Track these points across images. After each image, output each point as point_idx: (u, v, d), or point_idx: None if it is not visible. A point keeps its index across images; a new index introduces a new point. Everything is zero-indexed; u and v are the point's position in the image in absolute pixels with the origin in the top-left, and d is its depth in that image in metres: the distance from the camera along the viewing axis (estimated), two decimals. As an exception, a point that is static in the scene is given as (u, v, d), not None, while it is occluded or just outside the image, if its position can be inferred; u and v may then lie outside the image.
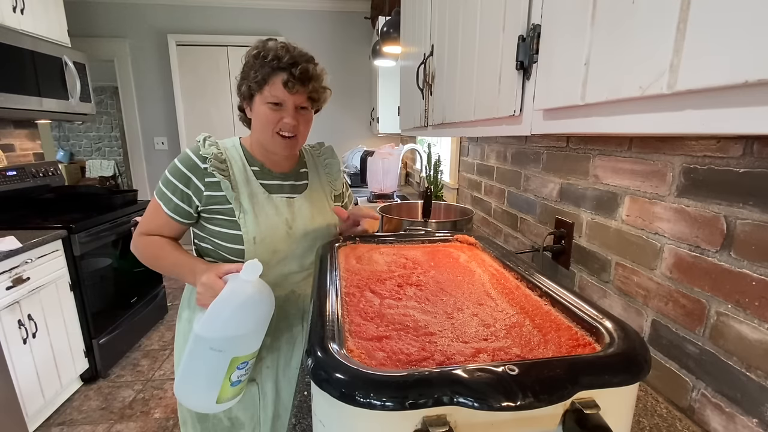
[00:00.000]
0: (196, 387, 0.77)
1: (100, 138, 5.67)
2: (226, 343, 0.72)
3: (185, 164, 0.85)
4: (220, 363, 0.73)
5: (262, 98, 0.83)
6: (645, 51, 0.35)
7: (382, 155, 2.35)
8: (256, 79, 0.82)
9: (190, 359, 0.75)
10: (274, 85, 0.82)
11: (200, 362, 0.73)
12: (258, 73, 0.82)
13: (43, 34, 2.15)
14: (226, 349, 0.72)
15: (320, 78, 0.87)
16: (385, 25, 1.95)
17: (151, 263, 0.89)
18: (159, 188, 0.86)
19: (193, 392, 0.78)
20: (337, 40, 3.66)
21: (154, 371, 2.26)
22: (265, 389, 0.95)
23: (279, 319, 0.94)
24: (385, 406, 0.34)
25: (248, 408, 0.95)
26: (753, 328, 0.53)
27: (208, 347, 0.71)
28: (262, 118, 0.84)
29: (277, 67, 0.81)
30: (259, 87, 0.83)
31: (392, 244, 0.87)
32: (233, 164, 0.88)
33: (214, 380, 0.74)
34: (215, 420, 0.94)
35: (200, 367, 0.74)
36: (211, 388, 0.75)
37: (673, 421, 0.63)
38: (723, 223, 0.57)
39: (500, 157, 1.42)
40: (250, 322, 0.73)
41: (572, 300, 0.53)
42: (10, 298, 1.61)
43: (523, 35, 0.58)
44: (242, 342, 0.74)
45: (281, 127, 0.85)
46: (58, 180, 2.48)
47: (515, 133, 0.65)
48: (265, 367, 0.94)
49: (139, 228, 0.89)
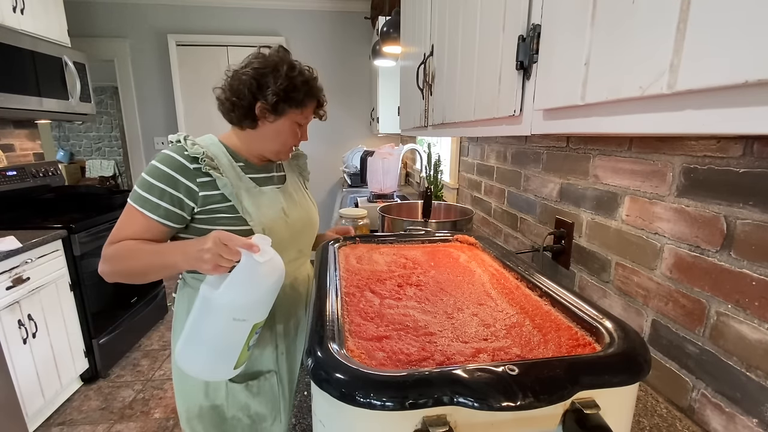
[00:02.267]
0: (213, 356, 0.75)
1: (100, 138, 5.67)
2: (248, 311, 0.71)
3: (170, 166, 0.80)
4: (242, 332, 0.72)
5: (292, 117, 0.88)
6: (645, 51, 0.35)
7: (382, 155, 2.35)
8: (297, 99, 0.86)
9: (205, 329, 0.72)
10: (308, 109, 0.90)
11: (218, 332, 0.72)
12: (300, 94, 0.86)
13: (43, 34, 2.15)
14: (249, 318, 0.72)
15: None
16: (385, 25, 1.95)
17: (124, 266, 0.79)
18: (138, 195, 0.80)
19: (208, 362, 0.76)
20: (337, 40, 3.66)
21: (154, 371, 2.26)
22: (282, 376, 0.96)
23: (286, 307, 0.96)
24: (385, 406, 0.34)
25: (269, 400, 0.95)
26: (753, 328, 0.53)
27: (231, 318, 0.70)
28: (285, 135, 0.90)
29: (312, 94, 0.89)
30: (297, 107, 0.88)
31: (392, 244, 0.87)
32: (220, 162, 0.86)
33: (234, 349, 0.74)
34: (234, 421, 0.93)
35: (217, 336, 0.73)
36: (231, 357, 0.74)
37: (673, 421, 0.63)
38: (723, 223, 0.57)
39: (500, 157, 1.42)
40: (270, 287, 0.73)
41: (572, 300, 0.53)
42: (10, 298, 1.61)
43: (523, 35, 0.58)
44: (263, 307, 0.74)
45: (295, 143, 0.92)
46: (58, 180, 2.48)
47: (515, 133, 0.65)
48: (279, 354, 0.95)
49: (108, 241, 0.82)
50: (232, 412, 0.92)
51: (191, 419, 0.93)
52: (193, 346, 0.75)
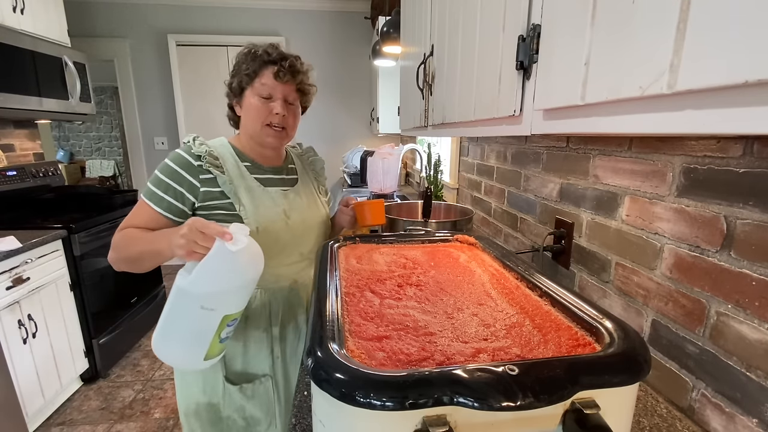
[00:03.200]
0: (182, 345, 0.73)
1: (100, 138, 5.67)
2: (218, 300, 0.69)
3: (178, 163, 0.85)
4: (211, 321, 0.70)
5: (253, 91, 0.88)
6: (645, 51, 0.35)
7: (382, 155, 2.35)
8: (247, 72, 0.87)
9: (176, 317, 0.71)
10: (265, 76, 0.87)
11: (187, 320, 0.70)
12: (249, 66, 0.87)
13: (43, 34, 2.15)
14: (218, 308, 0.69)
15: (307, 73, 0.93)
16: (385, 25, 1.95)
17: (125, 252, 0.82)
18: (148, 189, 0.85)
19: (178, 350, 0.74)
20: (337, 40, 3.66)
21: (154, 371, 2.26)
22: (278, 380, 0.96)
23: (284, 310, 0.96)
24: (385, 406, 0.34)
25: (264, 404, 0.95)
26: (753, 328, 0.53)
27: (198, 306, 0.68)
28: (253, 111, 0.89)
29: (268, 60, 0.87)
30: (250, 79, 0.88)
31: (392, 244, 0.87)
32: (225, 161, 0.89)
33: (203, 338, 0.71)
34: (229, 422, 0.93)
35: (186, 325, 0.71)
36: (199, 347, 0.72)
37: (673, 421, 0.63)
38: (723, 223, 0.57)
39: (500, 157, 1.42)
40: (243, 279, 0.71)
41: (572, 300, 0.53)
42: (10, 298, 1.61)
43: (523, 35, 0.58)
44: (234, 299, 0.72)
45: (271, 119, 0.89)
46: (58, 180, 2.48)
47: (515, 133, 0.65)
48: (275, 358, 0.95)
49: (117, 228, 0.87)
50: (227, 412, 0.92)
51: (189, 415, 0.94)
52: (165, 332, 0.74)
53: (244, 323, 0.91)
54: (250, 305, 0.92)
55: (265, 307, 0.93)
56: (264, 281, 0.91)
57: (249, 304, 0.91)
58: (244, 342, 0.92)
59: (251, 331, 0.92)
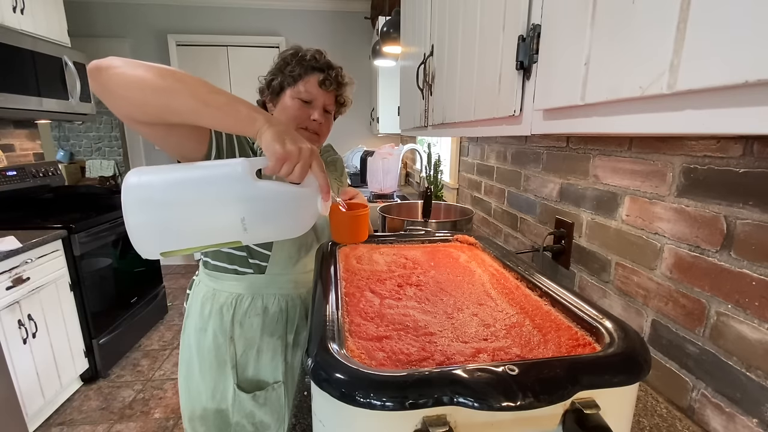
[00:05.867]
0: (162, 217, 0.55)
1: (100, 138, 5.66)
2: (259, 228, 0.58)
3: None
4: (224, 234, 0.58)
5: (294, 92, 0.87)
6: (645, 51, 0.35)
7: (382, 155, 2.35)
8: (293, 74, 0.86)
9: (192, 191, 0.56)
10: (309, 82, 0.86)
11: (203, 208, 0.56)
12: (295, 69, 0.86)
13: (43, 34, 2.15)
14: (250, 232, 0.57)
15: (349, 86, 0.93)
16: (385, 25, 1.95)
17: (161, 77, 0.58)
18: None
19: (150, 216, 0.55)
20: (337, 40, 3.66)
21: (154, 371, 2.26)
22: (289, 386, 0.95)
23: (300, 316, 0.94)
24: (385, 406, 0.34)
25: (275, 410, 0.93)
26: (753, 328, 0.53)
27: (239, 216, 0.56)
28: (290, 112, 0.87)
29: (316, 67, 0.87)
30: (294, 81, 0.86)
31: (392, 244, 0.87)
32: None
33: (193, 236, 0.57)
34: (238, 428, 0.91)
35: (197, 211, 0.56)
36: (179, 239, 0.57)
37: (673, 421, 0.63)
38: (723, 223, 0.57)
39: (500, 157, 1.42)
40: (297, 231, 0.63)
41: (572, 300, 0.53)
42: (10, 298, 1.61)
43: (523, 35, 0.58)
44: (263, 233, 0.62)
45: (308, 124, 0.88)
46: (58, 180, 2.48)
47: (515, 133, 0.65)
48: (289, 367, 0.94)
49: None
50: (236, 418, 0.91)
51: (194, 419, 0.93)
52: (160, 194, 0.55)
53: (260, 330, 0.90)
54: (267, 312, 0.90)
55: (282, 313, 0.92)
56: (282, 287, 0.91)
57: (266, 310, 0.90)
58: (257, 349, 0.90)
59: (266, 338, 0.91)
